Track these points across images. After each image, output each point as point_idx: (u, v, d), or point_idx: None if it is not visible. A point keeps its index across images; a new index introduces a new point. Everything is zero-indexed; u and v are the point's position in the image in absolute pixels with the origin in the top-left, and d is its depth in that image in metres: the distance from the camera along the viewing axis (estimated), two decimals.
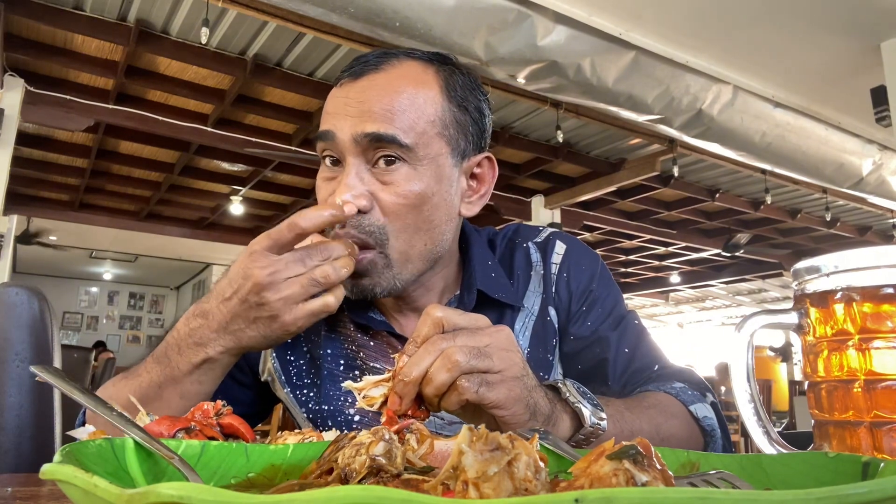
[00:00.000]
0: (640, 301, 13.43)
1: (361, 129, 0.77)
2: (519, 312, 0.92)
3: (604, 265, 0.99)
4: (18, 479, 0.62)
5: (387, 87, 0.79)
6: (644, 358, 0.90)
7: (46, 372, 0.53)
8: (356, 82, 0.81)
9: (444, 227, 0.83)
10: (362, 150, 0.78)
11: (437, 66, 0.85)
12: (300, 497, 0.23)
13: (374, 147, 0.78)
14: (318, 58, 4.27)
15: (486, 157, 0.89)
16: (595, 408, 0.64)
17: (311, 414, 0.89)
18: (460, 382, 0.56)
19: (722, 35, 3.61)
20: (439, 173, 0.81)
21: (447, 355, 0.56)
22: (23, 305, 1.06)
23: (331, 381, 0.88)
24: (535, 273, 0.96)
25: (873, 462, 0.37)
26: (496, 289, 0.90)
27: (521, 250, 0.98)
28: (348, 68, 0.83)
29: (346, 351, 0.90)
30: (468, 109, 0.85)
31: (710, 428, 0.79)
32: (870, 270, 0.50)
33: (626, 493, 0.22)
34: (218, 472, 0.46)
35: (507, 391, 0.58)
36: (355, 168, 0.78)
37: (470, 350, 0.57)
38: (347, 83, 0.81)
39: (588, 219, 7.17)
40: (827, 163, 4.57)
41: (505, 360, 0.59)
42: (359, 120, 0.78)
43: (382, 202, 0.78)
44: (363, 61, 0.82)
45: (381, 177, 0.79)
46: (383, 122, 0.77)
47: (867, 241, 7.90)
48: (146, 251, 10.07)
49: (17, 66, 4.30)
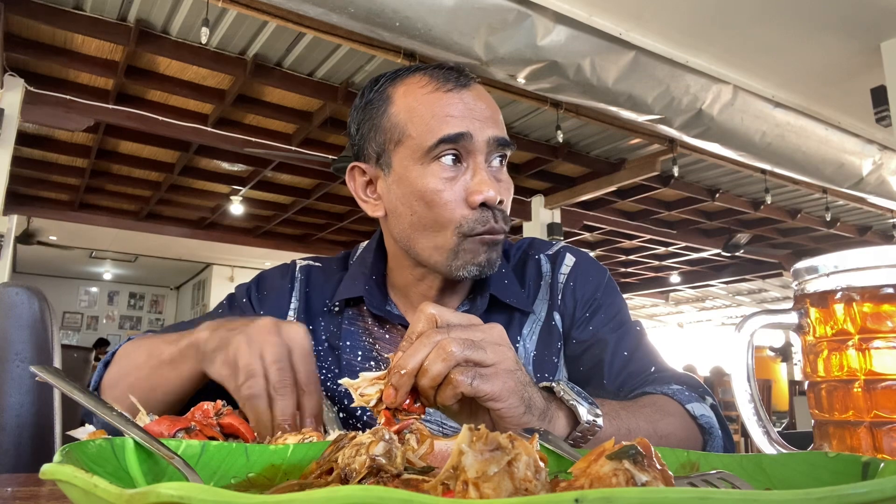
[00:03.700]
0: (640, 301, 13.43)
1: (494, 134, 0.87)
2: (528, 317, 0.97)
3: (611, 278, 1.03)
4: (18, 479, 0.62)
5: (489, 98, 0.91)
6: (642, 360, 0.92)
7: (46, 372, 0.53)
8: (468, 91, 0.89)
9: None
10: (489, 151, 0.87)
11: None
12: (300, 497, 0.23)
13: (495, 149, 0.88)
14: (318, 58, 4.27)
15: None
16: (590, 406, 0.65)
17: (330, 392, 0.93)
18: (454, 376, 0.57)
19: (722, 35, 3.62)
20: None
21: (441, 346, 0.57)
22: (23, 305, 1.06)
23: (349, 371, 0.93)
24: (544, 282, 1.01)
25: (873, 462, 0.37)
26: (507, 294, 0.95)
27: (534, 262, 1.04)
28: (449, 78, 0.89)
29: (364, 343, 0.94)
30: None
31: (707, 426, 0.79)
32: (870, 270, 0.50)
33: (625, 493, 0.22)
34: (218, 472, 0.46)
35: (502, 383, 0.59)
36: (485, 166, 0.87)
37: (464, 342, 0.58)
38: (459, 91, 0.89)
39: (588, 219, 7.17)
40: (827, 163, 4.57)
41: (498, 353, 0.60)
42: (488, 124, 0.87)
43: (505, 196, 0.89)
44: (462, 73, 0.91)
45: (496, 175, 0.89)
46: (501, 128, 0.89)
47: (867, 241, 7.90)
48: (146, 251, 10.07)
49: (17, 66, 4.30)
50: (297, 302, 1.01)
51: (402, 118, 0.88)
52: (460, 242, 0.86)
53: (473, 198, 0.85)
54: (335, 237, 8.68)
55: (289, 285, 1.02)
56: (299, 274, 1.04)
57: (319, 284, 1.02)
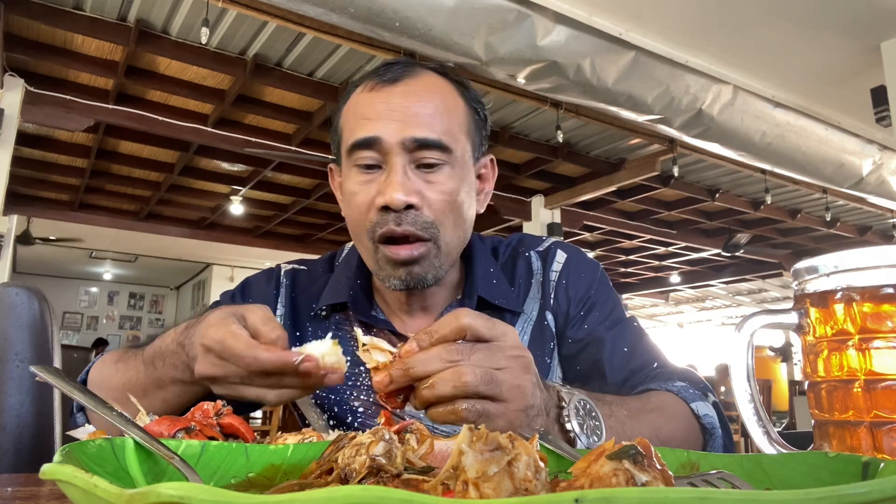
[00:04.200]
0: (640, 301, 13.43)
1: (410, 134, 0.82)
2: (519, 317, 0.95)
3: (603, 273, 1.02)
4: (18, 479, 0.62)
5: (426, 93, 0.85)
6: (644, 356, 0.92)
7: (46, 372, 0.53)
8: (394, 87, 0.85)
9: (469, 222, 0.91)
10: (408, 152, 0.83)
11: (450, 77, 0.91)
12: (300, 497, 0.23)
13: (419, 150, 0.83)
14: (318, 58, 4.27)
15: (490, 158, 0.96)
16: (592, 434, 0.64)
17: (319, 399, 0.92)
18: (461, 409, 0.54)
19: (722, 35, 3.61)
20: (466, 173, 0.88)
21: (458, 372, 0.54)
22: (23, 305, 1.06)
23: None
24: (535, 280, 0.99)
25: (873, 462, 0.37)
26: (496, 295, 0.93)
27: (524, 259, 1.02)
28: (378, 74, 0.86)
29: (353, 348, 0.92)
30: (479, 115, 0.92)
31: (710, 426, 0.79)
32: (870, 270, 0.50)
33: (625, 493, 0.22)
34: (218, 472, 0.46)
35: (507, 424, 0.57)
36: (402, 168, 0.82)
37: (483, 374, 0.55)
38: (384, 88, 0.85)
39: (588, 219, 7.17)
40: (827, 163, 4.57)
41: (513, 391, 0.57)
42: (405, 125, 0.82)
43: (429, 200, 0.83)
44: (396, 68, 0.86)
45: (426, 177, 0.84)
46: (428, 127, 0.83)
47: (867, 241, 7.90)
48: (146, 251, 10.07)
49: (17, 66, 4.30)
50: (283, 308, 0.99)
51: (342, 120, 0.89)
52: (375, 249, 0.84)
53: (376, 200, 0.83)
54: (335, 237, 8.67)
55: (274, 291, 1.00)
56: (284, 279, 1.02)
57: (305, 288, 1.01)
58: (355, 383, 0.92)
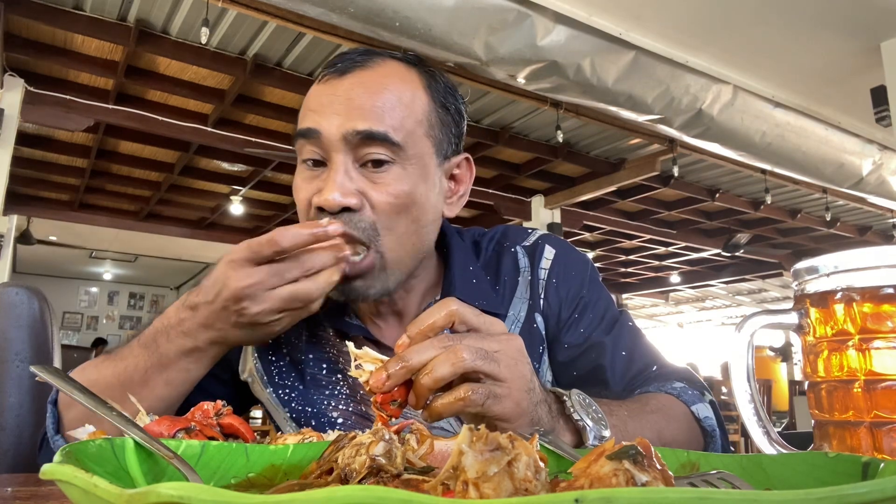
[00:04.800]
0: (640, 301, 13.43)
1: (352, 127, 0.75)
2: (504, 320, 0.90)
3: (594, 268, 0.98)
4: (18, 479, 0.62)
5: (376, 85, 0.78)
6: (643, 358, 0.90)
7: (46, 372, 0.53)
8: (343, 79, 0.79)
9: (430, 227, 0.84)
10: (351, 148, 0.76)
11: (419, 67, 0.85)
12: (300, 497, 0.23)
13: (364, 145, 0.76)
14: (318, 58, 4.27)
15: (465, 157, 0.90)
16: (598, 424, 0.63)
17: (295, 413, 0.88)
18: (467, 393, 0.53)
19: (722, 35, 3.61)
20: (425, 173, 0.81)
21: (453, 350, 0.53)
22: (23, 305, 1.06)
23: (314, 385, 0.88)
24: (522, 279, 0.94)
25: (873, 462, 0.37)
26: (476, 296, 0.87)
27: (509, 255, 0.96)
28: (331, 64, 0.81)
29: (328, 355, 0.90)
30: (449, 111, 0.85)
31: (710, 428, 0.79)
32: (870, 270, 0.50)
33: (625, 493, 0.22)
34: (218, 472, 0.46)
35: (515, 405, 0.56)
36: (343, 166, 0.76)
37: (477, 350, 0.54)
38: (332, 79, 0.80)
39: (588, 219, 7.17)
40: (827, 163, 4.57)
41: (513, 369, 0.57)
42: (347, 117, 0.76)
43: (373, 201, 0.77)
44: (348, 58, 0.81)
45: (371, 176, 0.77)
46: (374, 120, 0.76)
47: (867, 241, 7.90)
48: (146, 251, 10.07)
49: (17, 66, 4.30)
50: None
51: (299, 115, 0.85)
52: None
53: (313, 199, 0.77)
54: None
55: None
56: None
57: None
58: (332, 392, 0.88)
